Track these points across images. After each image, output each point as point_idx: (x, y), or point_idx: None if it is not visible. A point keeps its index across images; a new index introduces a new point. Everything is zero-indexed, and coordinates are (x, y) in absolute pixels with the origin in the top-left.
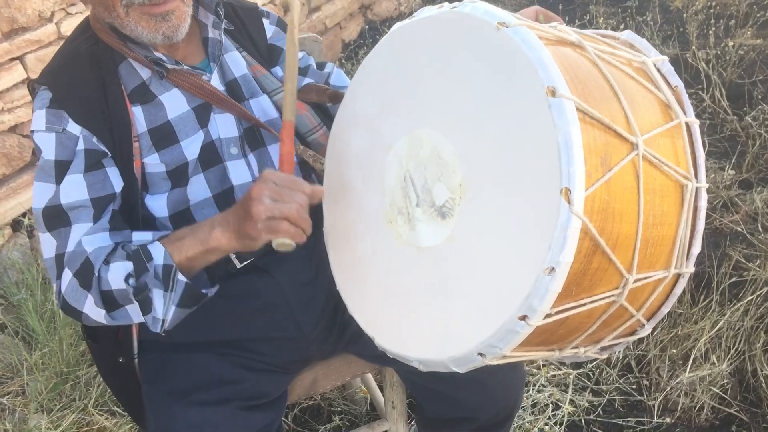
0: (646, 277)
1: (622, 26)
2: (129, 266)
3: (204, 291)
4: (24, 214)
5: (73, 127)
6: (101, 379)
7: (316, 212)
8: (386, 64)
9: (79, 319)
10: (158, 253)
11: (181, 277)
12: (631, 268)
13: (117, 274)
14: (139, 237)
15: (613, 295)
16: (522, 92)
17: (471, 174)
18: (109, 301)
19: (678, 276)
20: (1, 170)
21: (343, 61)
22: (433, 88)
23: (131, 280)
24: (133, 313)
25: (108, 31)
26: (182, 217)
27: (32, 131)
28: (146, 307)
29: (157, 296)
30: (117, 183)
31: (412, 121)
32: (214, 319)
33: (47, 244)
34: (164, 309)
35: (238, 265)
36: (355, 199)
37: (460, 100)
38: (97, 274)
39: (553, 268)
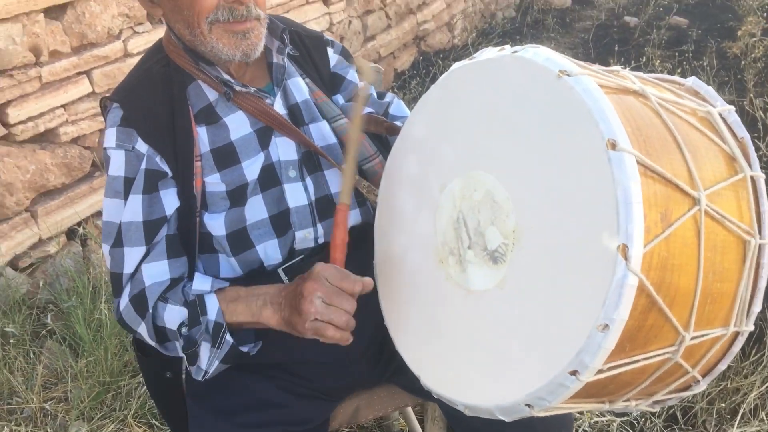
0: (703, 335)
1: (678, 71)
2: (184, 314)
3: (246, 350)
4: (79, 224)
5: (141, 146)
6: (143, 390)
7: (368, 239)
8: (444, 102)
9: (134, 334)
10: (213, 309)
11: (228, 337)
12: (689, 325)
13: (172, 318)
14: (198, 285)
15: (668, 353)
16: (581, 143)
17: (525, 221)
18: (161, 334)
19: (737, 334)
20: (61, 179)
21: (395, 90)
22: (489, 130)
23: (184, 329)
24: (181, 349)
25: (181, 52)
26: (238, 236)
27: (104, 147)
28: (192, 359)
29: (204, 349)
30: (170, 206)
31: (466, 161)
32: (264, 340)
33: (106, 256)
34: (208, 362)
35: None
36: (407, 225)
37: (517, 146)
38: (151, 311)
39: (607, 324)
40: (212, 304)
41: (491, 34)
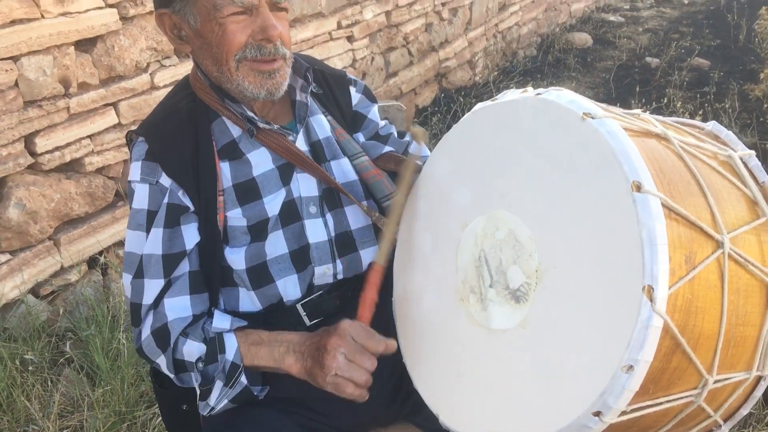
0: (726, 378)
1: (700, 112)
2: (203, 349)
3: (255, 393)
4: (101, 253)
5: (165, 180)
6: (158, 422)
7: (387, 277)
8: (466, 142)
9: (151, 364)
10: (231, 349)
11: (243, 379)
12: (712, 368)
13: (191, 352)
14: (218, 323)
15: (691, 395)
16: (606, 185)
17: (548, 260)
18: (179, 367)
19: (759, 378)
20: (85, 209)
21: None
22: (512, 171)
23: (200, 364)
24: (197, 382)
25: (207, 89)
26: (259, 271)
27: (129, 181)
28: (204, 395)
29: (217, 387)
30: (190, 240)
31: (489, 201)
32: (282, 375)
33: (126, 286)
34: (218, 399)
35: (308, 323)
36: (426, 264)
37: (540, 186)
38: (172, 345)
39: (632, 366)
40: (231, 344)
41: (512, 73)
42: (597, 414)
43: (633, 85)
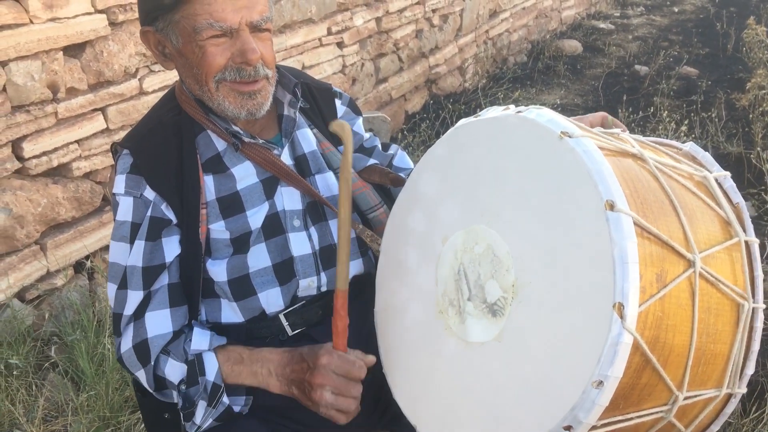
0: (696, 395)
1: (686, 122)
2: (184, 370)
3: (237, 410)
4: (87, 257)
5: (149, 193)
6: (142, 427)
7: (369, 289)
8: (449, 157)
9: (132, 375)
10: (212, 370)
11: (225, 399)
12: (682, 385)
13: (174, 373)
14: (197, 344)
15: (661, 411)
16: (580, 203)
17: (524, 276)
18: (160, 384)
19: (729, 396)
20: (72, 213)
21: (405, 132)
22: (491, 187)
23: (182, 387)
24: (179, 405)
25: (192, 103)
26: (241, 283)
27: (113, 193)
28: (188, 416)
29: (200, 407)
30: (171, 253)
31: (468, 215)
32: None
33: (110, 296)
34: (203, 419)
35: (290, 333)
36: (408, 277)
37: (518, 203)
38: (153, 362)
39: (602, 381)
40: (211, 365)
41: (502, 79)
42: (568, 428)
43: (621, 93)
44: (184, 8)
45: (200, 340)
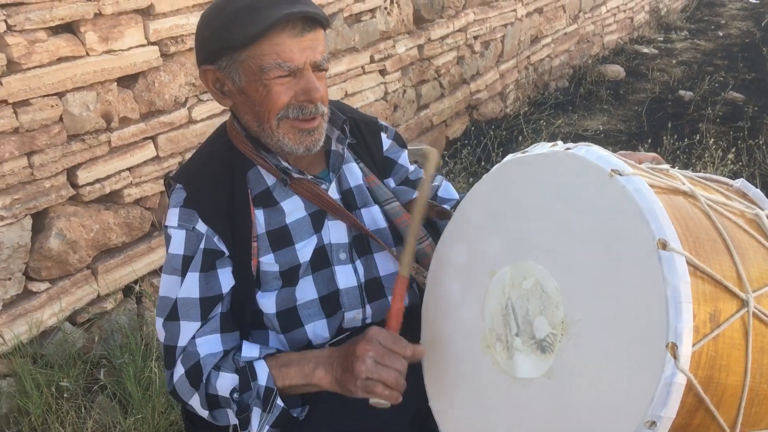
0: None
1: (733, 149)
2: (236, 380)
3: (295, 414)
4: (136, 281)
5: (201, 226)
6: None
7: (414, 321)
8: (496, 192)
9: (184, 405)
10: (263, 375)
11: (279, 402)
12: (735, 425)
13: (224, 385)
14: (247, 352)
15: None
16: (632, 242)
17: (574, 312)
18: (213, 402)
19: None
20: (122, 238)
21: (447, 158)
22: (539, 222)
23: (235, 395)
24: (233, 417)
25: (243, 139)
26: (288, 315)
27: (166, 226)
28: (244, 424)
29: (255, 414)
30: (226, 284)
31: (516, 251)
32: (311, 412)
33: (159, 330)
34: (259, 427)
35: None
36: (453, 311)
37: (567, 240)
38: (205, 381)
39: (654, 422)
40: (262, 370)
41: (543, 105)
42: None
43: (666, 118)
44: (252, 49)
45: (250, 349)
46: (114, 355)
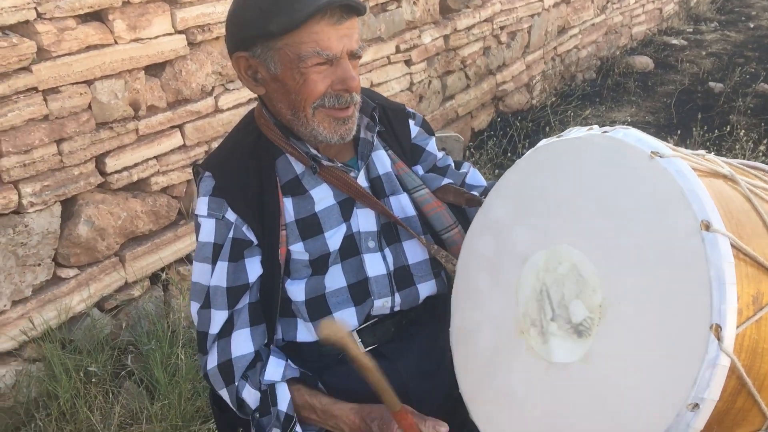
0: None
1: (765, 141)
2: (258, 398)
3: None
4: (162, 269)
5: (230, 215)
6: None
7: (442, 310)
8: (530, 177)
9: (216, 392)
10: (284, 400)
11: (298, 428)
12: None
13: (250, 398)
14: (271, 374)
15: None
16: (674, 223)
17: (612, 296)
18: (241, 405)
19: None
20: (149, 226)
21: (472, 150)
22: (577, 207)
23: (256, 415)
24: (252, 427)
25: (272, 126)
26: (317, 303)
27: (195, 215)
28: None
29: None
30: (254, 273)
31: (550, 235)
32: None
33: (194, 315)
34: None
35: (363, 350)
36: (480, 300)
37: (606, 223)
38: (236, 384)
39: (697, 404)
40: (283, 395)
41: (570, 96)
42: None
43: (695, 110)
44: (290, 36)
45: (274, 370)
46: (141, 342)
